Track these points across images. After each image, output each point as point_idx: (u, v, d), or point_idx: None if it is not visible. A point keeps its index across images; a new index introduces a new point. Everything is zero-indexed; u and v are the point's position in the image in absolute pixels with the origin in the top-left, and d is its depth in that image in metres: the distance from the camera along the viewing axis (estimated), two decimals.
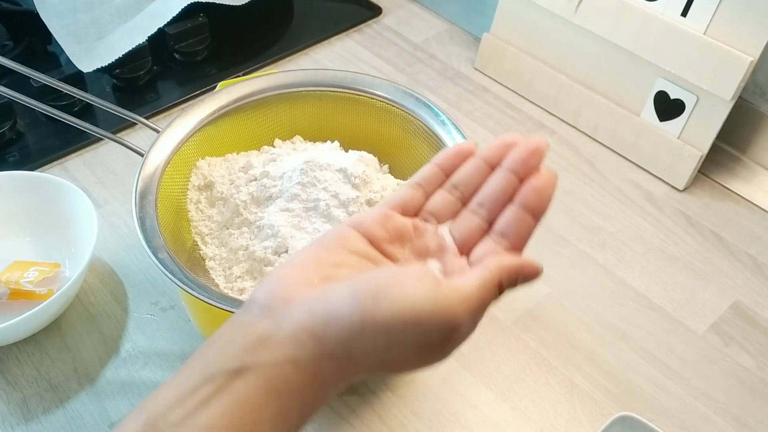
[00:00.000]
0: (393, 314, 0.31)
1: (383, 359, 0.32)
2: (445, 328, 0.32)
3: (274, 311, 0.32)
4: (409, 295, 0.31)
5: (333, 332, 0.31)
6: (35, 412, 0.57)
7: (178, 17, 0.84)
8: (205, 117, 0.59)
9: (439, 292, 0.32)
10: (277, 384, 0.31)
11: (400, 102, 0.61)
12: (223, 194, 0.58)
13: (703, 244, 0.73)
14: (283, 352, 0.31)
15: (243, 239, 0.55)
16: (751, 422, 0.59)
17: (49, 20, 0.85)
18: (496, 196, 0.36)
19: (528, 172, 0.36)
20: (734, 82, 0.70)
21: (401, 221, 0.36)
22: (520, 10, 0.85)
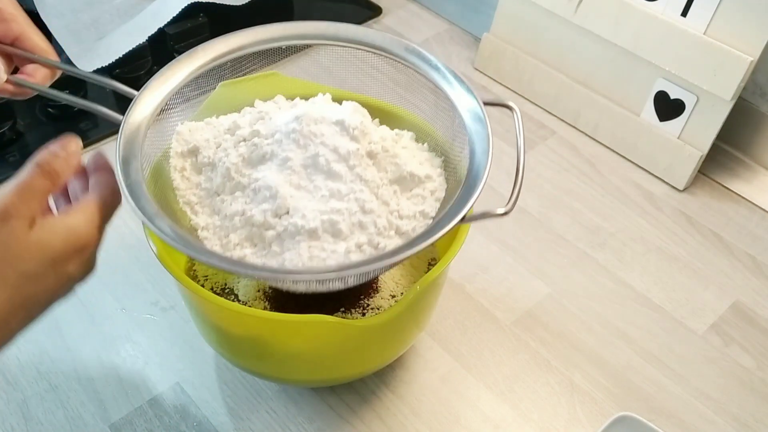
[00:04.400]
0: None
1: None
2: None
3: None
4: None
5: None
6: (35, 412, 0.57)
7: (178, 17, 0.84)
8: (184, 78, 0.55)
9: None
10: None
11: (389, 49, 0.58)
12: (211, 159, 0.54)
13: (703, 244, 0.73)
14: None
15: (238, 204, 0.51)
16: (751, 422, 0.59)
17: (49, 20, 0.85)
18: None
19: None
20: (734, 82, 0.70)
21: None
22: (520, 10, 0.85)
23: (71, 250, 0.42)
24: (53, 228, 0.42)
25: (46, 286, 0.42)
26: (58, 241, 0.42)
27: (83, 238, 0.43)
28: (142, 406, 0.58)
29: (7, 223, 0.41)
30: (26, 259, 0.40)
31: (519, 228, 0.73)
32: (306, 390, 0.59)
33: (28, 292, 0.41)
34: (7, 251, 0.40)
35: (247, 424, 0.57)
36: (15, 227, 0.41)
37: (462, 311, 0.65)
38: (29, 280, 0.41)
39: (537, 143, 0.83)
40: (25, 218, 0.41)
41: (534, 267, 0.69)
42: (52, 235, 0.42)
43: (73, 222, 0.43)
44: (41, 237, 0.41)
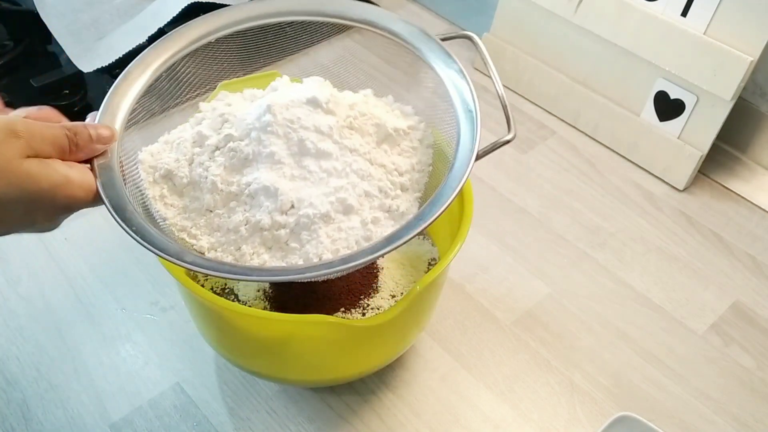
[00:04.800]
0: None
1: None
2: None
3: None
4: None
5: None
6: (35, 412, 0.57)
7: (178, 17, 0.84)
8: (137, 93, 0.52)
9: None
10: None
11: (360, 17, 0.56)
12: (189, 178, 0.50)
13: (703, 244, 0.73)
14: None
15: (238, 214, 0.48)
16: (751, 422, 0.59)
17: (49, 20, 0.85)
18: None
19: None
20: (734, 82, 0.70)
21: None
22: (520, 10, 0.85)
23: (53, 203, 0.41)
24: (48, 169, 0.40)
25: (12, 222, 0.41)
26: (47, 183, 0.40)
27: (70, 198, 0.42)
28: (142, 406, 0.58)
29: (8, 139, 0.39)
30: (6, 183, 0.39)
31: (519, 228, 0.73)
32: (306, 390, 0.59)
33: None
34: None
35: (247, 424, 0.57)
36: (13, 146, 0.39)
37: (462, 311, 0.65)
38: (1, 207, 0.39)
39: (537, 143, 0.83)
40: (29, 147, 0.40)
41: (534, 267, 0.69)
42: (44, 173, 0.40)
43: (70, 174, 0.42)
44: (32, 169, 0.40)
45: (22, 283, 0.65)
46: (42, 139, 0.41)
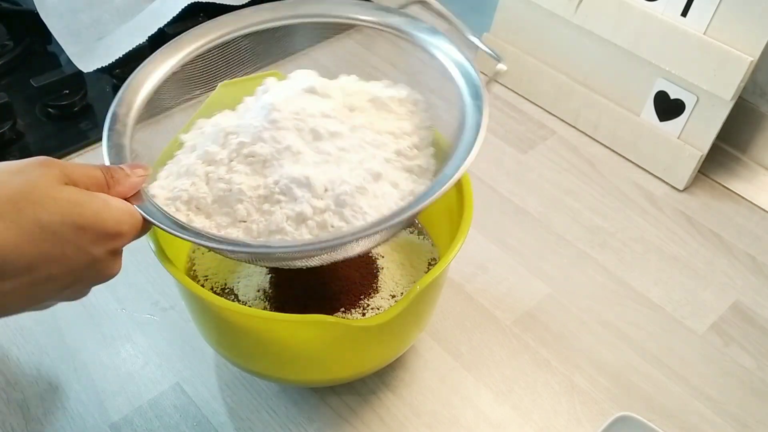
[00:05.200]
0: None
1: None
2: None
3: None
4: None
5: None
6: (35, 412, 0.57)
7: (178, 17, 0.84)
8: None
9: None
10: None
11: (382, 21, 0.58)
12: (213, 196, 0.49)
13: (703, 244, 0.73)
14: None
15: (277, 214, 0.47)
16: (751, 422, 0.59)
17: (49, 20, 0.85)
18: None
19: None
20: (734, 82, 0.70)
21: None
22: (520, 10, 0.85)
23: (102, 229, 0.39)
24: (90, 196, 0.39)
25: (62, 253, 0.38)
26: (90, 210, 0.38)
27: (119, 224, 0.40)
28: (142, 406, 0.58)
29: (42, 168, 0.38)
30: (48, 209, 0.37)
31: (519, 228, 0.73)
32: (306, 390, 0.59)
33: (41, 249, 0.37)
34: (32, 191, 0.37)
35: (247, 424, 0.57)
36: (48, 175, 0.38)
37: (462, 311, 0.65)
38: (45, 234, 0.37)
39: (537, 143, 0.83)
40: (65, 176, 0.38)
41: (534, 267, 0.69)
42: (86, 199, 0.39)
43: (113, 202, 0.40)
44: (72, 195, 0.38)
45: None
46: (78, 171, 0.40)
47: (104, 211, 0.39)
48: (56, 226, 0.37)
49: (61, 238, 0.37)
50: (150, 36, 0.83)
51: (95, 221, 0.39)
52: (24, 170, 0.38)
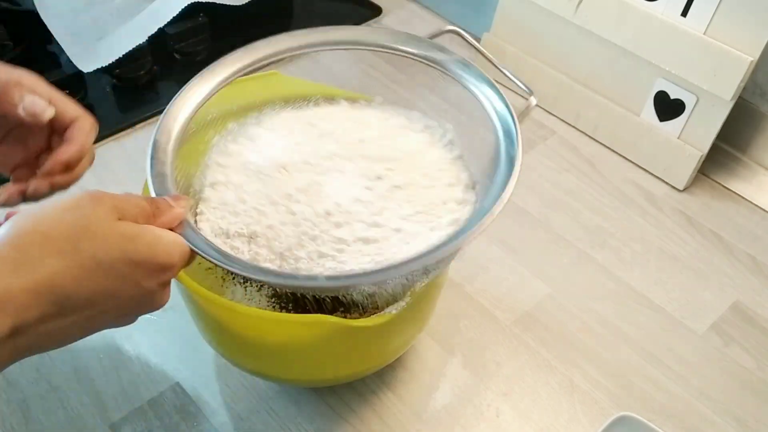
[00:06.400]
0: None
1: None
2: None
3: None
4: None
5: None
6: (35, 412, 0.57)
7: (178, 17, 0.84)
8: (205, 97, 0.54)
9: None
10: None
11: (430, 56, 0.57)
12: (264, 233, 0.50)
13: (703, 244, 0.73)
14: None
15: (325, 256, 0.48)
16: (751, 422, 0.59)
17: (49, 20, 0.85)
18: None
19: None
20: (734, 82, 0.70)
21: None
22: (520, 10, 0.85)
23: (155, 262, 0.40)
24: (143, 231, 0.40)
25: (119, 288, 0.38)
26: (144, 245, 0.39)
27: (170, 255, 0.41)
28: (142, 406, 0.58)
29: (94, 202, 0.38)
30: (105, 245, 0.37)
31: (519, 228, 0.73)
32: (306, 390, 0.59)
33: (99, 285, 0.37)
34: (88, 227, 0.37)
35: (247, 424, 0.57)
36: (101, 209, 0.38)
37: (462, 311, 0.65)
38: (103, 270, 0.37)
39: (537, 143, 0.83)
40: (117, 209, 0.39)
41: (534, 267, 0.69)
42: (141, 233, 0.39)
43: (164, 235, 0.41)
44: (127, 230, 0.39)
45: None
46: (126, 203, 0.40)
47: (157, 245, 0.40)
48: (113, 262, 0.38)
49: (117, 273, 0.38)
50: (150, 36, 0.83)
51: (148, 255, 0.39)
52: (78, 206, 0.38)
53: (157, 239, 0.40)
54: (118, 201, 0.40)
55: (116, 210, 0.39)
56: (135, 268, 0.39)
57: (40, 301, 0.36)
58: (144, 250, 0.39)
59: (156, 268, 0.40)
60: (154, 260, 0.40)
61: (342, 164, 0.52)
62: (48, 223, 0.37)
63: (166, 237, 0.41)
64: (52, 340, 0.38)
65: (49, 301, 0.36)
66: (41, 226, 0.37)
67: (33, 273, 0.35)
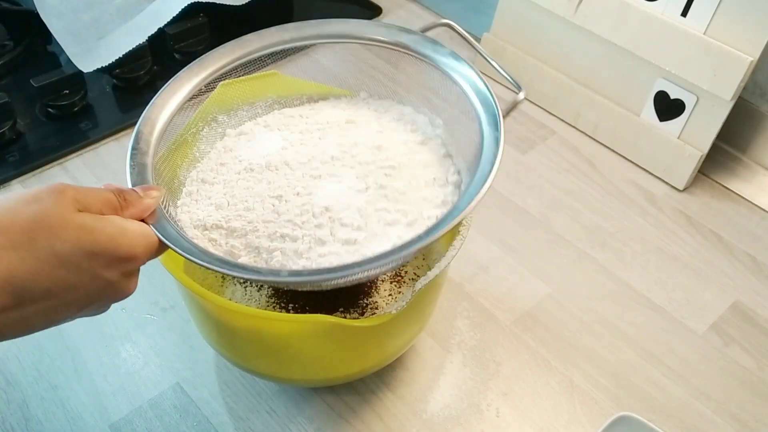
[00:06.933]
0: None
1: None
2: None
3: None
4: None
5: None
6: (35, 412, 0.57)
7: (178, 17, 0.84)
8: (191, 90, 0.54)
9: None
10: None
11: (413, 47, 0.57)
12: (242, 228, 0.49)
13: (703, 244, 0.73)
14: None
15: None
16: (751, 422, 0.59)
17: (49, 20, 0.85)
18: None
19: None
20: (734, 82, 0.70)
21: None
22: (520, 10, 0.85)
23: (115, 254, 0.40)
24: (103, 221, 0.39)
25: (78, 279, 0.39)
26: (104, 235, 0.39)
27: (132, 247, 0.41)
28: (142, 406, 0.58)
29: (54, 195, 0.38)
30: (61, 237, 0.37)
31: (519, 228, 0.73)
32: (306, 390, 0.59)
33: (57, 277, 0.38)
34: (45, 220, 0.37)
35: (247, 424, 0.57)
36: (61, 202, 0.38)
37: (462, 311, 0.65)
38: (60, 262, 0.37)
39: (537, 143, 0.83)
40: (77, 201, 0.39)
41: (534, 267, 0.69)
42: (99, 225, 0.39)
43: (128, 226, 0.41)
44: (86, 222, 0.38)
45: None
46: (90, 196, 0.40)
47: (118, 236, 0.40)
48: (69, 254, 0.38)
49: (75, 265, 0.38)
50: (150, 36, 0.83)
51: (108, 246, 0.39)
52: (37, 198, 0.38)
53: (121, 230, 0.40)
54: (81, 193, 0.40)
55: (77, 202, 0.39)
56: (94, 259, 0.39)
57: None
58: (104, 240, 0.39)
59: (117, 258, 0.40)
60: (116, 252, 0.40)
61: (334, 167, 0.52)
62: (5, 215, 0.37)
63: (130, 228, 0.41)
64: (12, 330, 0.38)
65: (6, 291, 0.36)
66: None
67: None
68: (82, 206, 0.39)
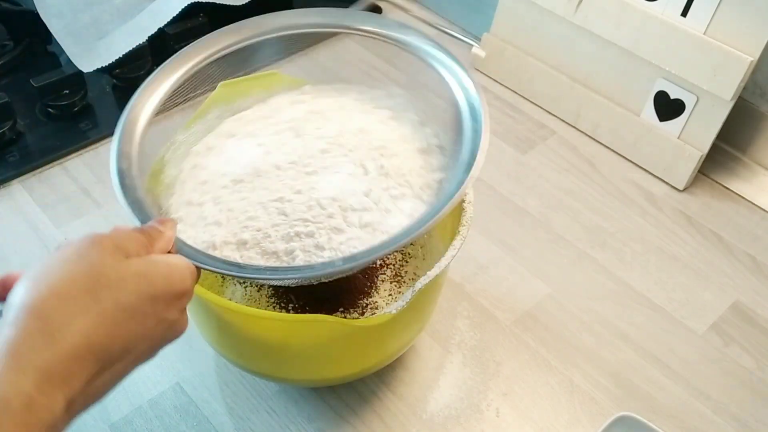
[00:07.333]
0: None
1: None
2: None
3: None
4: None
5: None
6: None
7: (178, 17, 0.84)
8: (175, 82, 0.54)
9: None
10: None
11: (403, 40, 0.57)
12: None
13: (703, 244, 0.73)
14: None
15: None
16: (751, 422, 0.59)
17: (49, 20, 0.85)
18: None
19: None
20: (734, 82, 0.70)
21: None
22: (520, 10, 0.85)
23: (171, 292, 0.39)
24: (152, 263, 0.39)
25: (146, 327, 0.38)
26: (159, 277, 0.38)
27: (184, 281, 0.40)
28: (142, 406, 0.58)
29: (96, 247, 0.37)
30: (123, 289, 0.36)
31: (519, 228, 0.73)
32: (306, 390, 0.59)
33: (129, 331, 0.37)
34: (102, 275, 0.36)
35: (247, 424, 0.57)
36: (105, 253, 0.37)
37: (462, 311, 0.65)
38: (129, 315, 0.36)
39: (537, 143, 0.83)
40: (119, 248, 0.38)
41: (534, 267, 0.69)
42: (151, 268, 0.38)
43: (174, 260, 0.40)
44: (139, 267, 0.38)
45: None
46: (124, 239, 0.39)
47: (170, 275, 0.39)
48: (135, 304, 0.37)
49: (141, 313, 0.37)
50: (150, 36, 0.83)
51: (164, 287, 0.39)
52: (81, 255, 0.37)
53: (169, 268, 0.39)
54: (117, 239, 0.39)
55: (117, 249, 0.38)
56: (156, 303, 0.38)
57: (83, 365, 0.34)
58: (160, 281, 0.38)
59: (174, 296, 0.39)
60: (172, 290, 0.39)
61: (326, 159, 0.51)
62: (60, 282, 0.35)
63: (174, 263, 0.40)
64: (96, 397, 0.37)
65: (90, 361, 0.35)
66: (54, 287, 0.35)
67: (67, 339, 0.34)
68: (124, 252, 0.38)
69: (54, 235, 0.70)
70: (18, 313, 0.34)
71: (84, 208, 0.73)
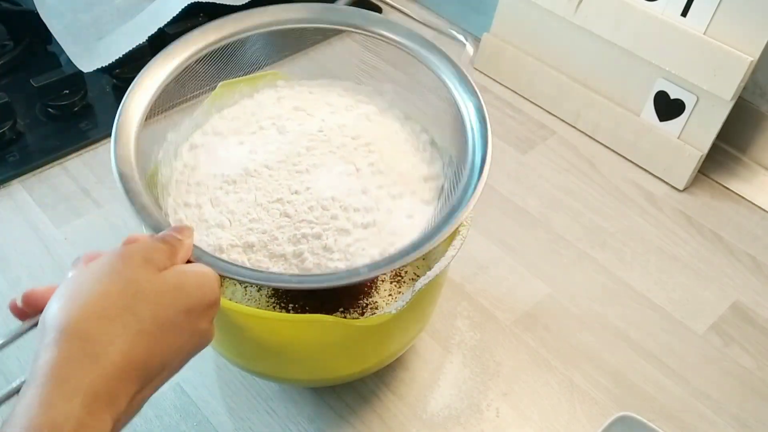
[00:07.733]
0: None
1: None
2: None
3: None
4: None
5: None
6: None
7: (178, 17, 0.84)
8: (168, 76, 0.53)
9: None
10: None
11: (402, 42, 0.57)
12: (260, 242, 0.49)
13: (703, 244, 0.73)
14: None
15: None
16: (751, 422, 0.59)
17: (49, 20, 0.85)
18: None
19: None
20: (734, 82, 0.70)
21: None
22: (520, 10, 0.85)
23: (204, 302, 0.39)
24: (185, 274, 0.39)
25: (183, 340, 0.38)
26: (192, 288, 0.38)
27: (214, 291, 0.40)
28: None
29: (127, 261, 0.37)
30: (160, 303, 0.37)
31: (519, 228, 0.73)
32: (306, 390, 0.59)
33: (166, 345, 0.37)
34: (138, 291, 0.36)
35: (247, 424, 0.57)
36: (138, 266, 0.37)
37: (462, 311, 0.65)
38: (166, 329, 0.37)
39: (537, 143, 0.83)
40: (149, 261, 0.38)
41: (534, 267, 0.69)
42: (184, 279, 0.38)
43: (203, 270, 0.40)
44: (173, 280, 0.38)
45: (22, 283, 0.65)
46: (153, 251, 0.39)
47: (201, 285, 0.39)
48: (172, 318, 0.37)
49: (178, 327, 0.37)
50: (150, 36, 0.83)
51: (198, 297, 0.39)
52: (114, 271, 0.37)
53: (199, 278, 0.39)
54: (145, 252, 0.39)
55: (149, 262, 0.38)
56: (190, 315, 0.38)
57: (126, 383, 0.34)
58: (194, 293, 0.38)
59: (207, 306, 0.39)
60: (204, 300, 0.39)
61: (314, 156, 0.51)
62: (98, 301, 0.35)
63: (203, 272, 0.40)
64: (135, 412, 0.37)
65: (132, 378, 0.35)
66: (92, 306, 0.35)
67: (110, 359, 0.34)
68: (154, 265, 0.38)
69: (54, 235, 0.70)
70: (58, 334, 0.34)
71: (84, 208, 0.73)
